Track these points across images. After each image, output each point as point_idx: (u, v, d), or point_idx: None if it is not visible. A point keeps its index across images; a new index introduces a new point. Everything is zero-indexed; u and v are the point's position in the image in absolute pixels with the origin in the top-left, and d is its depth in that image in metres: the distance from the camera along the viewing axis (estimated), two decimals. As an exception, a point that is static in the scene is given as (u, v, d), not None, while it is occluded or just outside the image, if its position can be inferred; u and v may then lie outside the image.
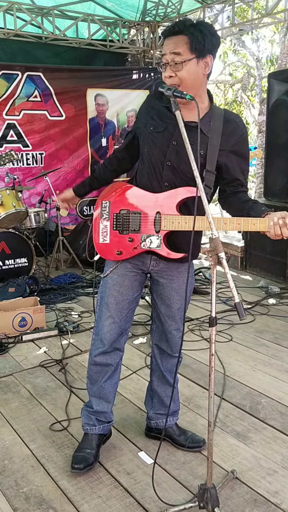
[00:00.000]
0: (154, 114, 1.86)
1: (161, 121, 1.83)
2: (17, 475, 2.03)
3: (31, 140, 5.96)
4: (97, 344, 2.03)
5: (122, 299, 1.98)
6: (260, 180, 8.92)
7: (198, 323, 3.69)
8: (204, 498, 1.69)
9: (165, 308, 2.02)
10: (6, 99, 5.72)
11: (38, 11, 5.86)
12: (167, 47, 1.72)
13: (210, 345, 1.62)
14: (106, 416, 2.10)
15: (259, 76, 9.95)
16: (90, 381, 2.10)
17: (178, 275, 1.97)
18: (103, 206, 1.94)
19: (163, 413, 2.15)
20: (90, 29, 6.17)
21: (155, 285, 2.02)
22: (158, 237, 1.83)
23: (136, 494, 1.90)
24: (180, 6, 6.25)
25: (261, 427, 2.35)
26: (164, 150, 1.81)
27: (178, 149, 1.79)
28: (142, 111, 1.93)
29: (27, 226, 4.93)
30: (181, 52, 1.68)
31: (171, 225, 1.81)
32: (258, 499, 1.88)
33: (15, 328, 3.48)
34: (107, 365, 2.05)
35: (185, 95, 1.64)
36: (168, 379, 2.13)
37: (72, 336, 3.47)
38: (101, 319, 2.01)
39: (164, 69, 1.76)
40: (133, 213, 1.87)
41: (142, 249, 1.87)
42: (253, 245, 5.05)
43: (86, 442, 2.09)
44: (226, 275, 1.48)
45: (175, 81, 1.72)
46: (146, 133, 1.87)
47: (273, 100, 4.72)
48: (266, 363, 3.03)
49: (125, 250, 1.90)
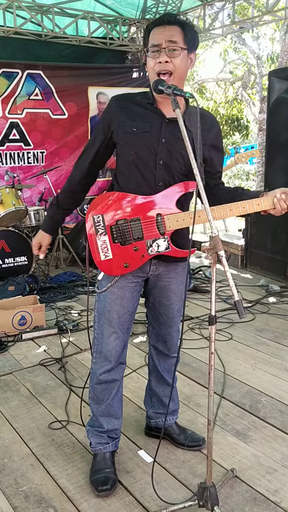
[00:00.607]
0: (131, 115, 1.78)
1: (144, 121, 1.77)
2: (17, 474, 2.03)
3: (33, 138, 5.96)
4: (101, 363, 1.93)
5: (124, 312, 1.90)
6: (260, 178, 8.91)
7: (198, 321, 3.69)
8: (203, 497, 1.69)
9: (164, 310, 2.00)
10: (7, 98, 5.72)
11: (38, 9, 5.84)
12: (161, 35, 1.70)
13: (210, 344, 1.61)
14: (117, 432, 2.03)
15: (260, 74, 9.92)
16: (96, 401, 1.98)
17: (176, 276, 1.95)
18: (96, 221, 1.80)
19: (163, 412, 2.14)
20: (90, 27, 6.15)
21: (153, 289, 1.97)
22: (165, 239, 1.79)
23: (136, 493, 1.90)
24: (180, 4, 6.23)
25: (261, 426, 2.34)
26: (155, 150, 1.77)
27: (168, 147, 1.77)
28: (112, 114, 1.82)
29: (27, 224, 4.94)
30: (177, 41, 1.70)
31: (176, 224, 1.77)
32: (258, 497, 1.88)
33: (15, 327, 3.48)
34: (113, 381, 1.96)
35: (184, 93, 1.63)
36: (166, 379, 2.11)
37: (72, 334, 3.47)
38: (103, 336, 1.91)
39: (155, 55, 1.71)
40: (132, 220, 1.77)
41: (150, 255, 1.79)
42: (253, 244, 5.04)
43: (101, 462, 1.97)
44: (226, 273, 1.48)
45: (170, 67, 1.70)
46: (127, 135, 1.78)
47: (273, 98, 4.71)
48: (266, 361, 3.03)
49: (133, 261, 1.80)
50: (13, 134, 5.84)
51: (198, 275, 4.91)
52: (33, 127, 5.97)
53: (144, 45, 1.82)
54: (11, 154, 5.88)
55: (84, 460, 2.10)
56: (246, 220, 5.10)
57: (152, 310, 2.04)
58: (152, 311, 2.04)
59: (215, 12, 6.36)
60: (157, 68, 1.71)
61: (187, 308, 3.96)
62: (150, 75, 1.76)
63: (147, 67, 1.78)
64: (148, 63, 1.75)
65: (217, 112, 11.68)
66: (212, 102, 12.06)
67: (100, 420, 1.98)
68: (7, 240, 4.43)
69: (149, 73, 1.77)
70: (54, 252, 5.25)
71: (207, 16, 6.23)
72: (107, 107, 1.87)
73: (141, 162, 1.78)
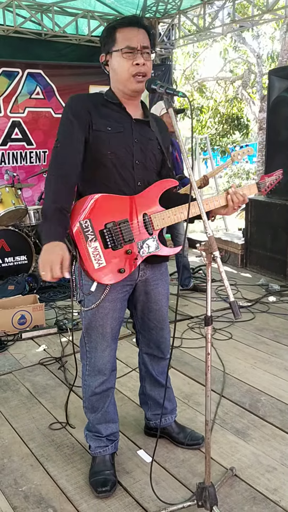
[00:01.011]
0: (102, 114, 1.73)
1: (116, 122, 1.75)
2: (16, 474, 2.03)
3: (35, 138, 5.95)
4: (95, 376, 1.91)
5: (116, 324, 1.88)
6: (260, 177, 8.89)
7: (198, 321, 3.69)
8: (202, 497, 1.69)
9: (154, 315, 1.97)
10: (8, 97, 5.70)
11: (38, 8, 5.83)
12: (136, 37, 1.69)
13: (206, 344, 1.61)
14: (115, 435, 2.03)
15: (260, 73, 9.91)
16: (91, 410, 1.96)
17: (162, 277, 1.95)
18: (84, 227, 1.68)
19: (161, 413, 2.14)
20: (90, 26, 6.14)
21: (142, 296, 1.92)
22: (154, 238, 1.78)
23: (135, 494, 1.90)
24: (180, 3, 6.22)
25: (261, 425, 2.34)
26: (131, 150, 1.76)
27: (141, 147, 1.79)
28: (82, 112, 1.71)
29: (27, 223, 4.93)
30: (148, 46, 1.72)
31: (162, 222, 1.77)
32: (257, 496, 1.87)
33: (15, 326, 3.48)
34: (108, 390, 1.95)
35: (177, 92, 1.63)
36: (161, 382, 2.11)
37: (72, 333, 3.46)
38: (97, 350, 1.87)
39: (129, 56, 1.68)
40: (121, 222, 1.72)
41: (142, 257, 1.77)
42: (253, 243, 5.04)
43: (101, 464, 1.96)
44: (221, 274, 1.49)
45: (146, 69, 1.71)
46: (101, 134, 1.71)
47: (273, 97, 4.70)
48: (266, 361, 3.02)
49: (127, 266, 1.74)
50: (15, 133, 5.82)
51: (198, 274, 4.91)
52: (35, 126, 5.95)
53: (107, 44, 1.74)
54: (13, 154, 5.87)
55: (83, 461, 2.09)
56: (246, 219, 5.09)
57: (140, 318, 2.01)
58: (141, 319, 2.01)
59: (215, 11, 6.34)
60: (134, 70, 1.69)
61: (186, 307, 3.96)
62: (122, 76, 1.72)
63: (117, 67, 1.72)
64: (120, 64, 1.70)
65: (217, 111, 11.67)
66: (212, 101, 12.04)
67: (97, 427, 1.98)
68: (6, 239, 4.43)
69: (120, 74, 1.72)
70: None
71: (207, 14, 6.21)
72: (72, 106, 1.73)
73: (119, 162, 1.74)
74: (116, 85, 1.78)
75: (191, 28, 7.43)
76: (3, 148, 5.77)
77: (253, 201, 5.08)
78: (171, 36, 7.13)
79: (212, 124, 11.77)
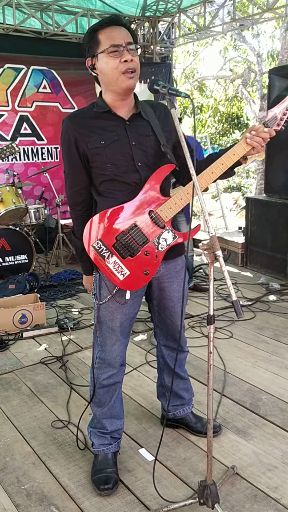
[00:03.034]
0: (93, 129, 1.76)
1: (108, 131, 1.75)
2: (19, 472, 2.04)
3: (46, 133, 5.91)
4: (104, 368, 1.94)
5: (126, 319, 1.91)
6: (261, 176, 8.89)
7: (199, 320, 3.69)
8: (204, 495, 1.69)
9: (169, 313, 2.02)
10: (15, 90, 5.67)
11: (38, 6, 5.83)
12: (119, 35, 1.69)
13: (208, 343, 1.62)
14: (119, 432, 2.04)
15: (260, 72, 9.90)
16: (98, 404, 1.99)
17: (177, 275, 1.96)
18: (97, 248, 1.77)
19: (179, 404, 2.21)
20: (90, 24, 6.14)
21: (156, 292, 1.97)
22: (168, 230, 1.80)
23: (137, 492, 1.91)
24: (180, 2, 6.22)
25: (262, 423, 2.35)
26: (130, 155, 1.76)
27: (141, 147, 1.78)
28: (75, 136, 1.77)
29: (27, 222, 4.94)
30: (132, 42, 1.72)
31: (170, 212, 1.78)
32: (258, 494, 1.88)
33: (16, 325, 3.48)
34: (115, 384, 1.98)
35: (180, 93, 1.63)
36: (179, 373, 2.17)
37: (73, 333, 3.47)
38: (106, 344, 1.92)
39: (116, 55, 1.67)
40: (130, 229, 1.76)
41: (162, 252, 1.80)
42: (253, 242, 5.05)
43: (103, 462, 1.98)
44: (223, 273, 1.49)
45: (135, 65, 1.71)
46: (97, 150, 1.75)
47: (273, 96, 4.70)
48: (267, 359, 3.03)
49: (150, 266, 1.80)
50: (24, 128, 5.78)
51: (199, 273, 4.92)
52: (44, 120, 5.90)
53: (91, 48, 1.74)
54: (24, 150, 5.82)
55: (85, 459, 2.10)
56: (247, 218, 5.10)
57: (157, 313, 2.06)
58: (158, 314, 2.06)
59: (215, 9, 6.34)
60: (122, 67, 1.68)
61: (187, 306, 3.97)
62: (112, 75, 1.70)
63: (105, 67, 1.71)
64: (108, 64, 1.69)
65: (217, 110, 11.67)
66: (212, 99, 12.04)
67: (103, 422, 1.99)
68: (7, 239, 4.44)
69: (110, 74, 1.71)
70: (54, 250, 5.26)
71: (207, 13, 6.21)
72: (65, 130, 1.80)
73: (120, 170, 1.76)
74: (107, 87, 1.76)
75: (191, 26, 7.42)
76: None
77: (253, 200, 5.09)
78: (171, 34, 7.13)
79: (212, 123, 11.76)
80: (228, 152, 1.75)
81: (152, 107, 1.87)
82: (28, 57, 5.78)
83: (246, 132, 1.76)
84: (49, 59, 5.94)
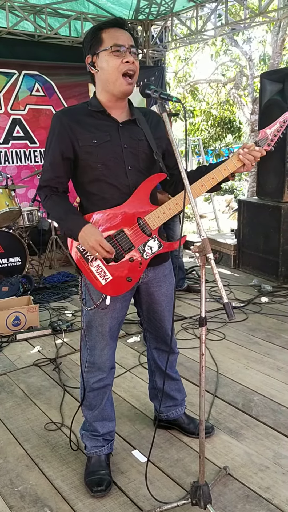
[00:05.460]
0: (86, 127, 1.74)
1: (101, 131, 1.75)
2: (12, 474, 2.04)
3: (38, 136, 5.91)
4: (94, 372, 1.94)
5: (115, 323, 1.91)
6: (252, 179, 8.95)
7: (191, 321, 3.71)
8: (196, 495, 1.71)
9: (158, 316, 2.02)
10: (8, 93, 5.66)
11: (31, 9, 5.84)
12: (123, 36, 1.72)
13: (200, 345, 1.63)
14: (112, 434, 2.05)
15: (252, 76, 9.97)
16: (89, 408, 1.99)
17: (165, 279, 1.97)
18: (82, 250, 1.77)
19: (172, 405, 2.22)
20: (84, 28, 6.16)
21: (145, 297, 1.98)
22: (154, 238, 1.80)
23: (130, 493, 1.92)
24: (173, 5, 6.26)
25: (254, 424, 2.37)
26: (121, 157, 1.75)
27: (132, 151, 1.78)
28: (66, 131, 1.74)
29: (20, 225, 4.94)
30: (135, 46, 1.74)
31: (158, 220, 1.79)
32: (250, 494, 1.90)
33: (9, 327, 3.48)
34: (106, 387, 1.99)
35: (171, 97, 1.64)
36: (171, 375, 2.19)
37: (66, 335, 3.47)
38: (96, 348, 1.91)
39: (119, 54, 1.69)
40: (117, 234, 1.76)
41: (146, 260, 1.80)
42: (246, 244, 5.08)
43: (96, 464, 1.98)
44: (215, 275, 1.51)
45: (135, 68, 1.72)
46: (88, 148, 1.72)
47: (265, 100, 4.75)
48: (259, 361, 3.06)
49: (133, 273, 1.79)
50: (16, 131, 5.78)
51: (191, 275, 4.94)
52: (37, 124, 5.90)
53: (92, 45, 1.74)
54: (17, 153, 5.82)
55: (78, 461, 2.11)
56: (239, 220, 5.14)
57: (147, 318, 2.06)
58: (147, 319, 2.06)
59: (207, 13, 6.39)
60: (123, 68, 1.69)
61: (180, 308, 3.99)
62: (112, 75, 1.70)
63: (106, 66, 1.70)
64: (110, 63, 1.69)
65: (210, 113, 11.72)
66: (205, 103, 12.09)
67: (94, 425, 2.00)
68: (0, 241, 4.43)
69: (110, 73, 1.70)
70: (48, 252, 5.26)
71: (199, 17, 6.26)
72: (56, 124, 1.76)
73: (110, 172, 1.75)
74: (104, 87, 1.75)
75: (183, 31, 7.47)
76: (6, 147, 5.72)
77: (246, 202, 5.13)
78: (164, 38, 7.17)
79: (205, 128, 11.80)
80: (219, 167, 1.77)
81: (144, 114, 1.88)
82: (20, 62, 5.78)
83: (239, 148, 1.79)
84: (41, 64, 5.94)
